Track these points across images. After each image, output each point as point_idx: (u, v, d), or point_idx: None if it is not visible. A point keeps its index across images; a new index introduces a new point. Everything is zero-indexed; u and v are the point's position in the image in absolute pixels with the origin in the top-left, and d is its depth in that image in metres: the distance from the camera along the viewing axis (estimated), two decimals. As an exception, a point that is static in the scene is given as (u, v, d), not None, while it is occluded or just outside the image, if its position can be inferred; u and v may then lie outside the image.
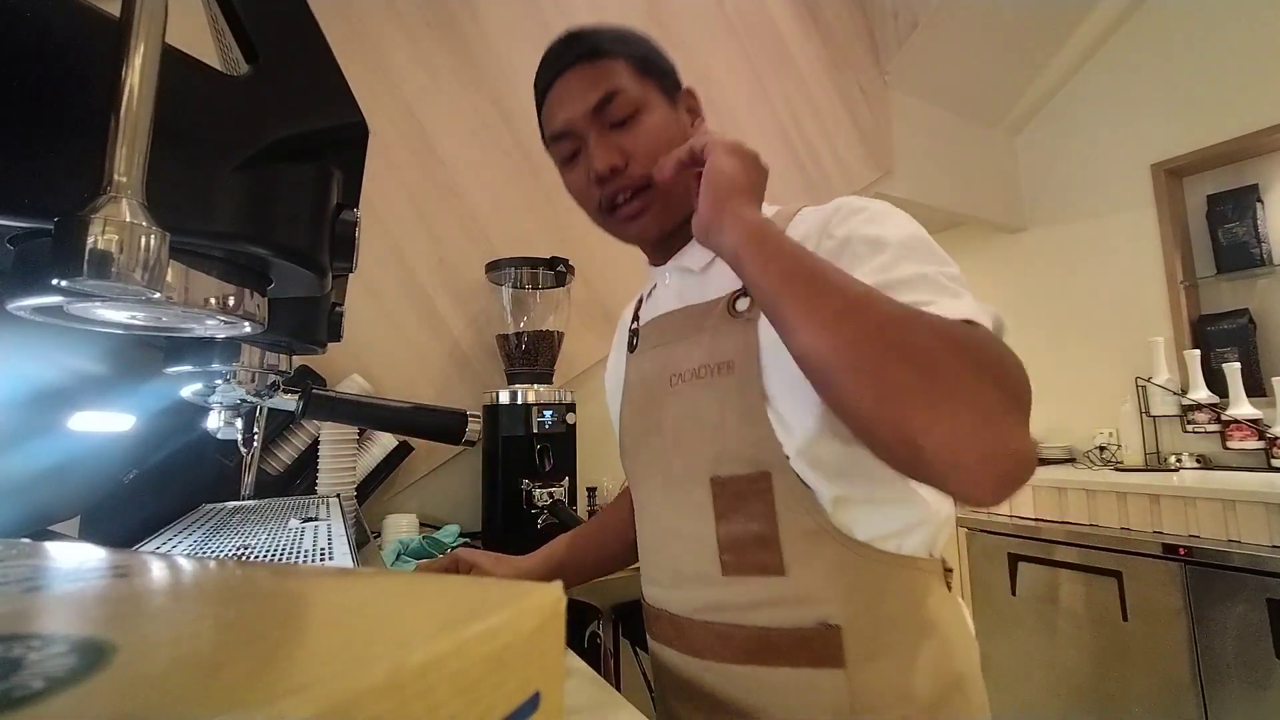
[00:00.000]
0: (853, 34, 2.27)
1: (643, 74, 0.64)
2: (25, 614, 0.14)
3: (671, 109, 0.65)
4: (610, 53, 0.63)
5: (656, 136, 0.62)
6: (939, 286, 0.48)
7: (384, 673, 0.11)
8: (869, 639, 0.52)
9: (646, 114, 0.62)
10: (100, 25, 0.26)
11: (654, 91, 0.64)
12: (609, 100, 0.61)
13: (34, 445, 0.64)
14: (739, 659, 0.55)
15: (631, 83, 0.62)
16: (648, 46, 0.66)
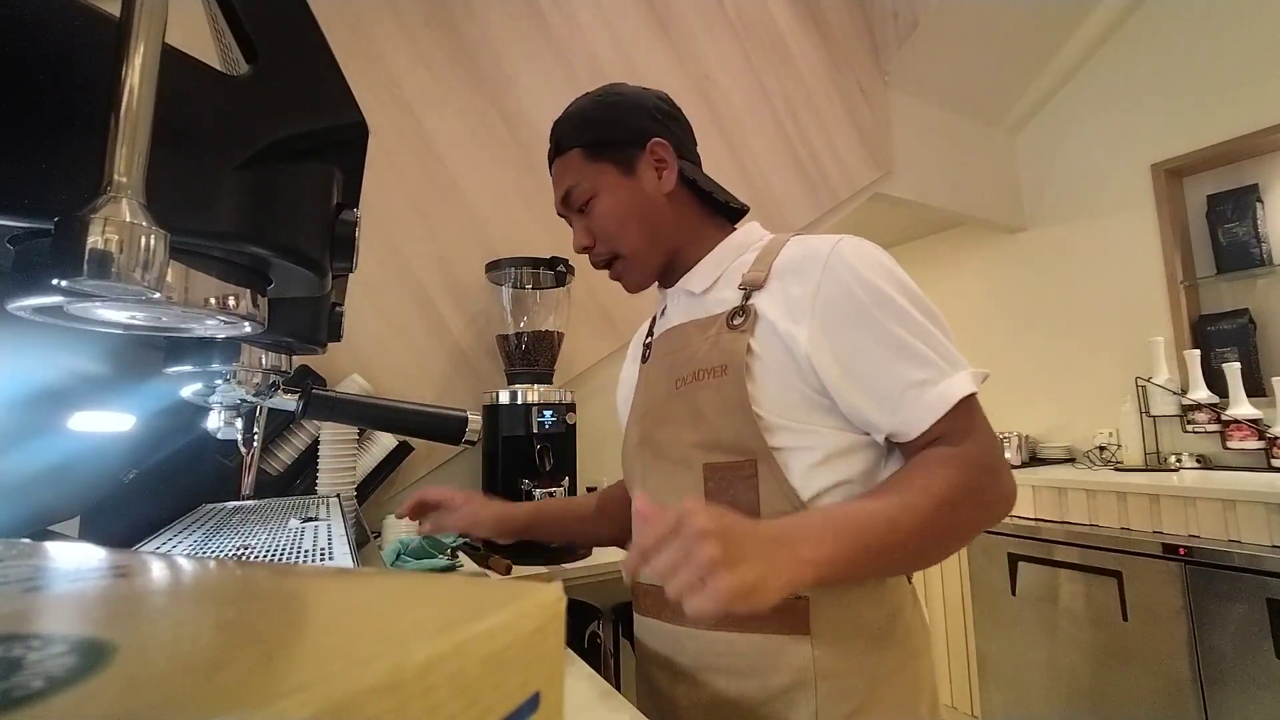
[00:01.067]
0: (853, 34, 2.27)
1: (595, 159, 0.73)
2: (25, 614, 0.14)
3: (628, 178, 0.73)
4: (568, 146, 0.75)
5: (608, 218, 0.73)
6: (937, 364, 0.59)
7: (384, 673, 0.11)
8: (831, 610, 0.60)
9: (600, 199, 0.73)
10: (100, 25, 0.26)
11: (608, 172, 0.73)
12: (568, 195, 0.75)
13: (34, 445, 0.64)
14: (717, 626, 0.62)
15: (584, 173, 0.73)
16: (600, 126, 0.74)
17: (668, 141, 0.74)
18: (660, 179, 0.74)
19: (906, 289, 0.62)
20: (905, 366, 0.59)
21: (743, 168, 1.94)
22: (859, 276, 0.61)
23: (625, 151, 0.73)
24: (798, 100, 2.09)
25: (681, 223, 0.75)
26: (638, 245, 0.74)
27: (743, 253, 0.73)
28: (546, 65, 1.68)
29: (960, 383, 0.58)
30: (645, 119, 0.75)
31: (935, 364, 0.59)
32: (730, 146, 1.93)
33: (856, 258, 0.63)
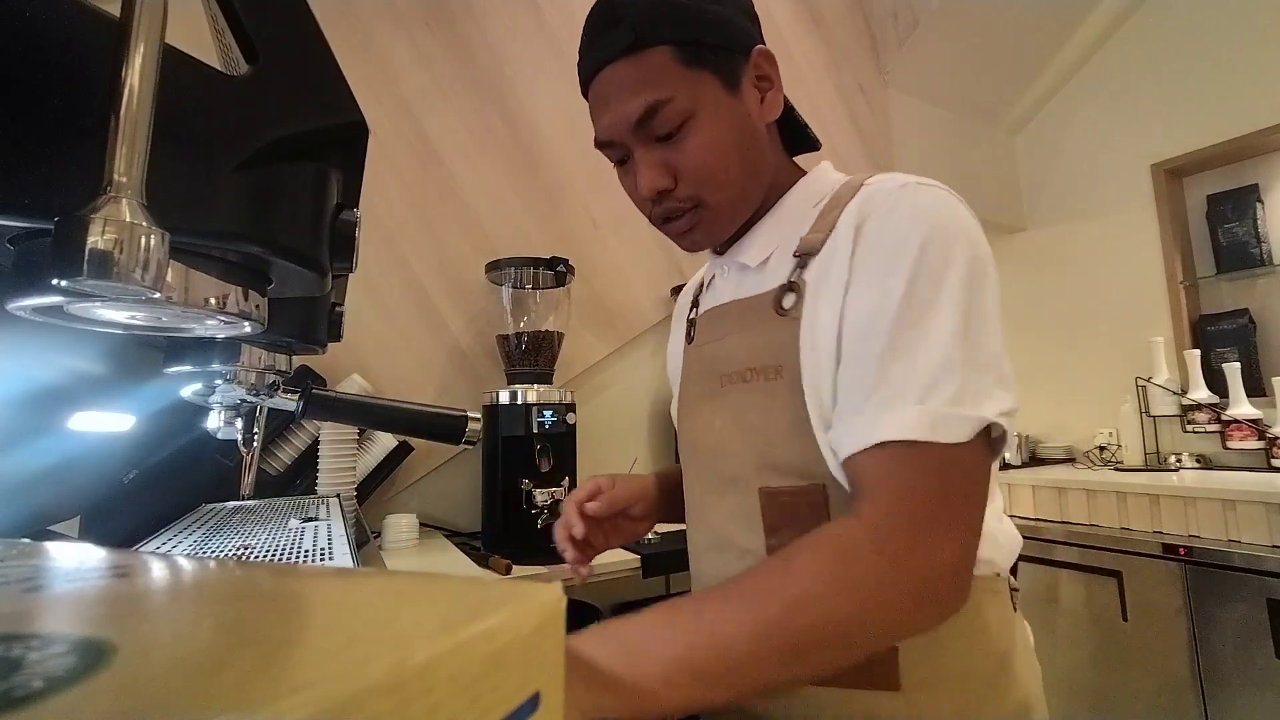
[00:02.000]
0: (853, 34, 2.27)
1: (692, 63, 0.53)
2: (25, 614, 0.14)
3: (732, 97, 0.55)
4: (652, 41, 0.53)
5: (709, 150, 0.54)
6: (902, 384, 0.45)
7: (384, 673, 0.11)
8: (924, 661, 0.49)
9: (697, 122, 0.53)
10: (100, 25, 0.26)
11: (708, 85, 0.54)
12: (652, 114, 0.53)
13: (34, 445, 0.64)
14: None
15: (678, 83, 0.53)
16: (701, 20, 0.54)
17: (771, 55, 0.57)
18: (763, 102, 0.57)
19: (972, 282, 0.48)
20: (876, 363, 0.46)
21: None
22: (906, 230, 0.48)
23: (731, 59, 0.55)
24: (798, 100, 2.07)
25: (774, 162, 0.60)
26: (736, 189, 0.56)
27: (811, 203, 0.58)
28: (546, 65, 1.68)
29: (897, 422, 0.43)
30: (748, 20, 0.59)
31: (911, 375, 0.45)
32: (730, 146, 1.93)
33: (914, 203, 0.49)
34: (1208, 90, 2.19)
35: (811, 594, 0.41)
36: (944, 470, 0.44)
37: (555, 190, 1.68)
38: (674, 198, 0.56)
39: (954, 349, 0.45)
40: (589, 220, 1.72)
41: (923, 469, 0.44)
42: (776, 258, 0.57)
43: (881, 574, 0.42)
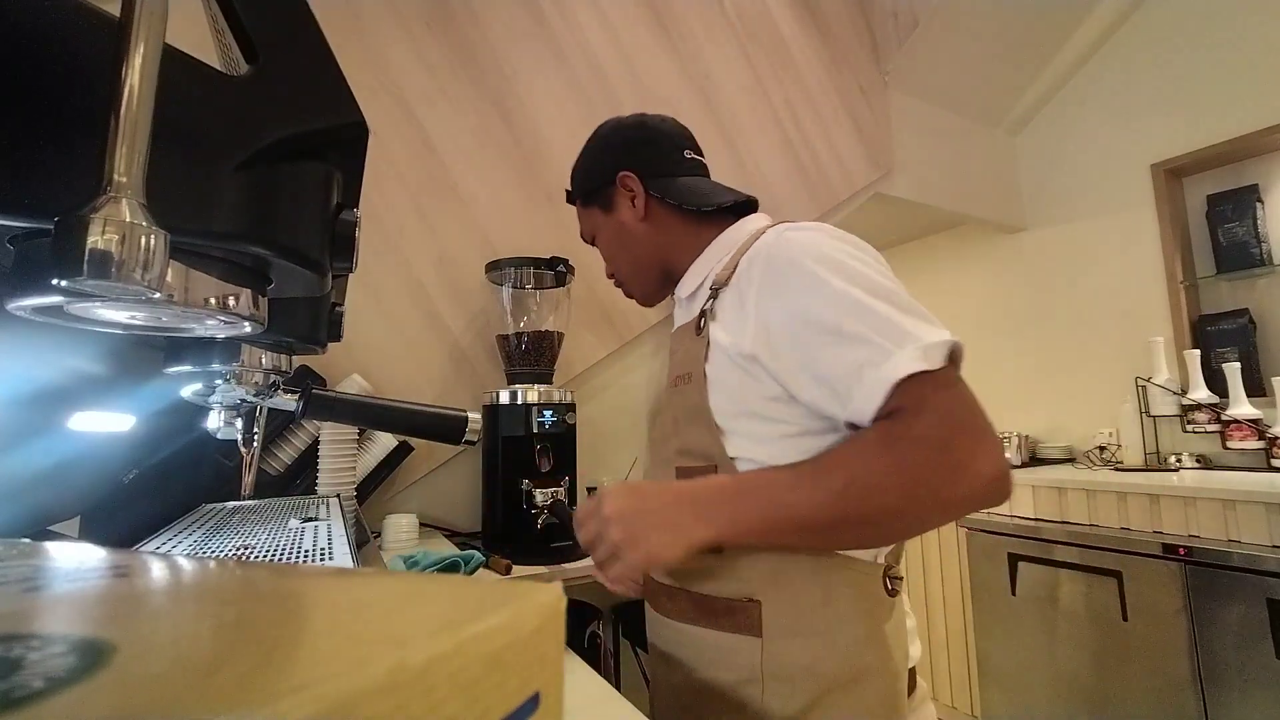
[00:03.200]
0: (853, 34, 2.27)
1: (587, 205, 0.86)
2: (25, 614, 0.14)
3: (610, 215, 0.83)
4: (572, 199, 0.89)
5: (606, 249, 0.86)
6: (877, 344, 0.54)
7: (384, 672, 0.11)
8: (786, 618, 0.60)
9: (598, 237, 0.86)
10: (100, 25, 0.26)
11: (596, 214, 0.85)
12: (583, 235, 0.90)
13: (34, 445, 0.64)
14: (683, 618, 0.66)
15: (584, 218, 0.88)
16: (582, 176, 0.87)
17: (634, 171, 0.80)
18: (633, 207, 0.81)
19: (843, 268, 0.58)
20: (848, 351, 0.55)
21: (742, 168, 1.93)
22: (792, 263, 0.60)
23: (603, 192, 0.83)
24: (798, 100, 2.09)
25: (665, 239, 0.80)
26: (630, 268, 0.84)
27: (729, 250, 0.74)
28: (546, 65, 1.68)
29: (902, 361, 0.52)
30: (614, 156, 0.83)
31: (875, 343, 0.54)
32: (730, 146, 1.93)
33: (790, 244, 0.62)
34: (1208, 90, 2.19)
35: (879, 479, 0.52)
36: (952, 386, 0.54)
37: (555, 190, 1.68)
38: (614, 279, 0.88)
39: (886, 310, 0.55)
40: (589, 220, 1.72)
41: (939, 386, 0.53)
42: (701, 291, 0.75)
43: (943, 466, 0.51)
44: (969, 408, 0.53)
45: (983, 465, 0.51)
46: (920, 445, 0.51)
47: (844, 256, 0.59)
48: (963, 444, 0.51)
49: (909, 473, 0.51)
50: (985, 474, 0.51)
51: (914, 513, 0.53)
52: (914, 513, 0.53)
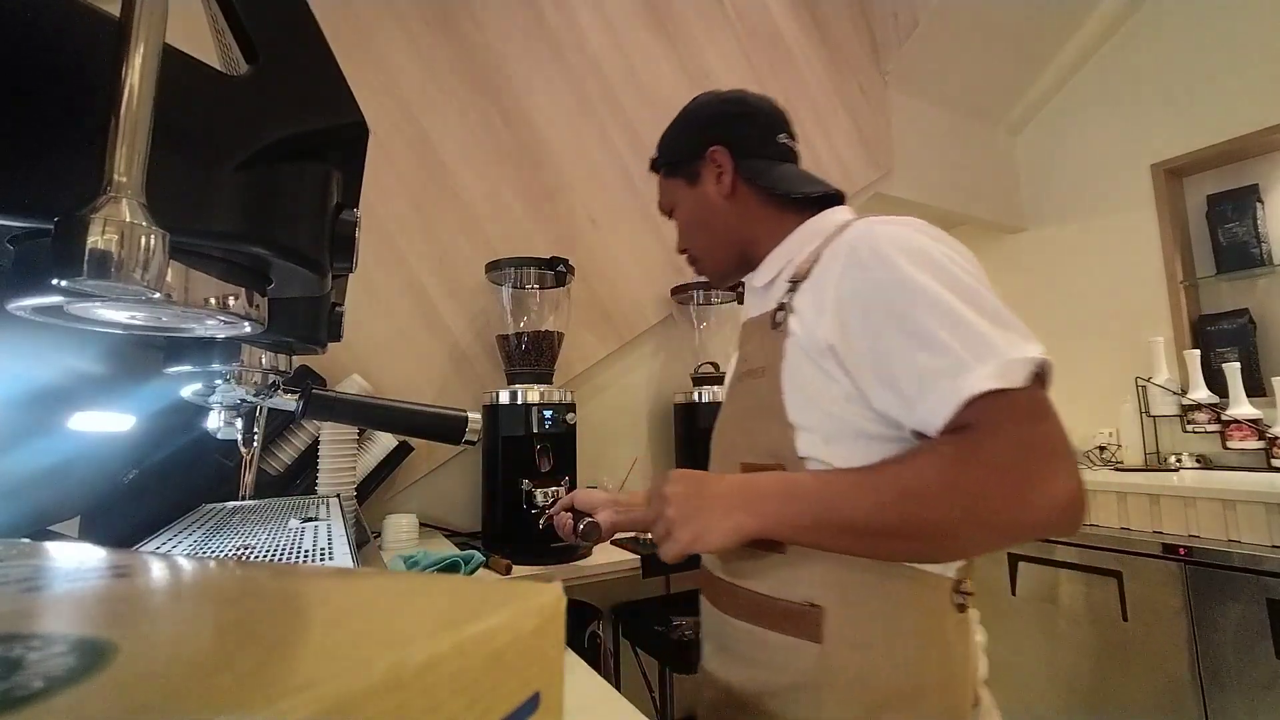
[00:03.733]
0: (853, 34, 2.27)
1: (671, 176, 0.83)
2: (25, 614, 0.14)
3: (694, 189, 0.80)
4: (656, 169, 0.86)
5: (684, 224, 0.83)
6: (958, 354, 0.52)
7: (384, 672, 0.11)
8: (847, 626, 0.58)
9: (678, 211, 0.83)
10: (100, 25, 0.26)
11: (680, 187, 0.82)
12: (661, 207, 0.86)
13: (34, 445, 0.64)
14: (742, 616, 0.65)
15: (665, 190, 0.84)
16: (670, 147, 0.84)
17: (726, 146, 0.78)
18: (719, 183, 0.78)
19: (931, 263, 0.55)
20: (924, 356, 0.53)
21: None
22: (876, 253, 0.57)
23: (690, 165, 0.80)
24: (798, 100, 2.09)
25: (747, 221, 0.78)
26: (706, 246, 0.82)
27: (813, 242, 0.70)
28: (546, 65, 1.68)
29: (980, 377, 0.50)
30: (705, 129, 0.81)
31: (956, 353, 0.51)
32: (730, 146, 1.93)
33: (878, 236, 0.59)
34: (1208, 90, 2.19)
35: (937, 493, 0.51)
36: (1031, 406, 0.51)
37: (555, 190, 1.68)
38: (686, 255, 0.86)
39: (972, 316, 0.53)
40: (589, 220, 1.72)
41: (1015, 407, 0.51)
42: (778, 282, 0.72)
43: (1005, 490, 0.49)
44: (1046, 432, 0.50)
45: (1052, 492, 0.49)
46: (985, 468, 0.50)
47: (935, 252, 0.56)
48: (1032, 470, 0.49)
49: (968, 494, 0.50)
50: (1051, 503, 0.49)
51: (969, 535, 0.52)
52: (969, 535, 0.52)
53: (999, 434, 0.50)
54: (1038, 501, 0.49)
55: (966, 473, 0.50)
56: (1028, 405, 0.51)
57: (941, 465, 0.51)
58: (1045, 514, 0.49)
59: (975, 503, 0.50)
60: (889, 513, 0.52)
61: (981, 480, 0.50)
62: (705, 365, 1.75)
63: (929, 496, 0.51)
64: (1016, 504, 0.49)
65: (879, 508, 0.52)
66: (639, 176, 1.79)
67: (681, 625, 1.43)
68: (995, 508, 0.49)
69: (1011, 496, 0.49)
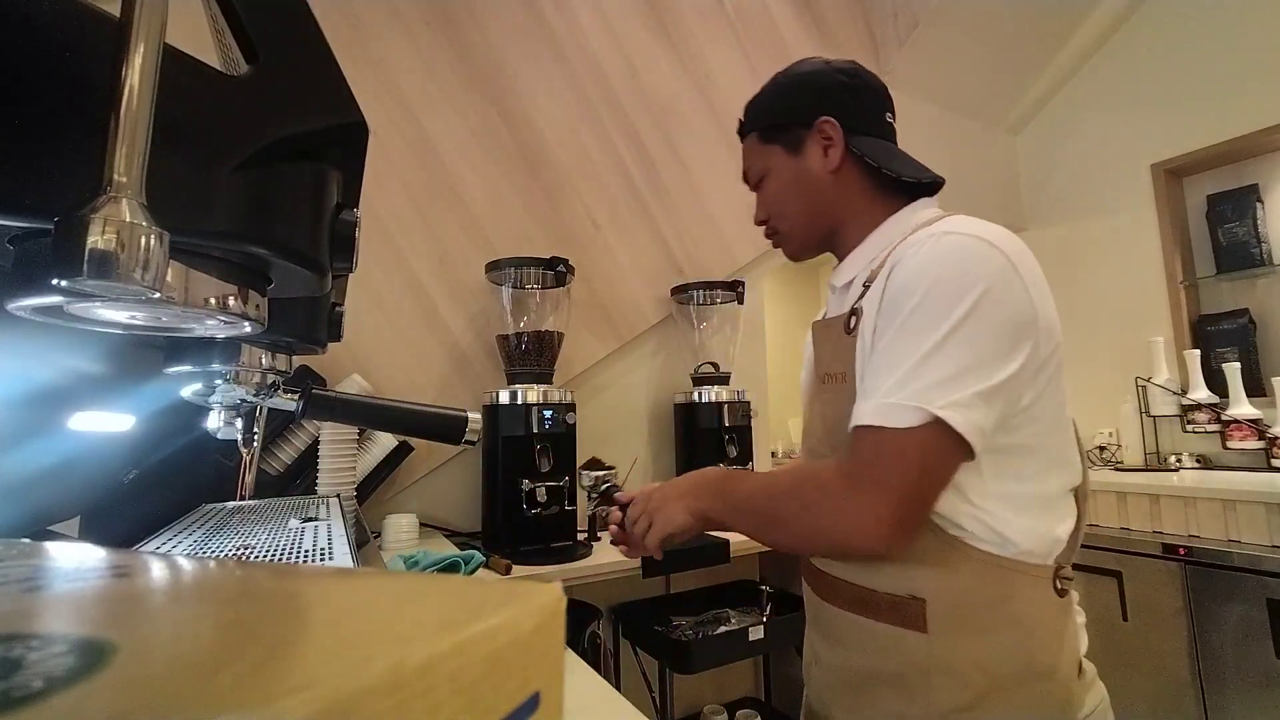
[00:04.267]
0: (853, 34, 2.27)
1: (768, 141, 0.79)
2: (25, 614, 0.14)
3: (794, 158, 0.77)
4: (748, 130, 0.82)
5: (775, 195, 0.80)
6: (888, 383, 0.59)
7: (384, 672, 0.11)
8: (952, 617, 0.61)
9: (769, 178, 0.80)
10: (100, 25, 0.26)
11: (777, 154, 0.78)
12: (747, 173, 0.83)
13: (34, 445, 0.64)
14: (847, 607, 0.68)
15: (757, 156, 0.80)
16: (772, 110, 0.79)
17: (837, 119, 0.74)
18: (825, 156, 0.75)
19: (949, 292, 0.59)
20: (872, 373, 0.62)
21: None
22: (911, 270, 0.62)
23: (794, 132, 0.77)
24: (798, 100, 2.09)
25: (845, 200, 0.76)
26: (797, 221, 0.79)
27: (893, 242, 0.70)
28: (546, 65, 1.68)
29: (871, 411, 0.59)
30: (816, 97, 0.76)
31: (884, 378, 0.59)
32: (730, 146, 1.93)
33: (923, 253, 0.62)
34: (1208, 90, 2.19)
35: (785, 494, 0.65)
36: (883, 446, 0.58)
37: (555, 190, 1.68)
38: (766, 226, 0.82)
39: (922, 363, 0.58)
40: (589, 220, 1.72)
41: (867, 443, 0.59)
42: (855, 284, 0.74)
43: (824, 504, 0.61)
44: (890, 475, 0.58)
45: (860, 524, 0.58)
46: (811, 482, 0.63)
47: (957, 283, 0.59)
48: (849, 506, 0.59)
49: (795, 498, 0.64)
50: (854, 537, 0.59)
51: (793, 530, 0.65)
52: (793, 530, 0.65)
53: (850, 460, 0.60)
54: (842, 526, 0.60)
55: (815, 488, 0.63)
56: (893, 448, 0.58)
57: (804, 478, 0.65)
58: (846, 536, 0.60)
59: (800, 513, 0.63)
60: (754, 508, 0.67)
61: (807, 493, 0.63)
62: (705, 365, 1.75)
63: (784, 495, 0.65)
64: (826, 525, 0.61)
65: (748, 504, 0.68)
66: (639, 176, 1.79)
67: (681, 625, 1.43)
68: (807, 514, 0.63)
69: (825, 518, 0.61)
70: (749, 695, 1.81)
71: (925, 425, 0.56)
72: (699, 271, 1.86)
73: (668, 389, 1.84)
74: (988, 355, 0.59)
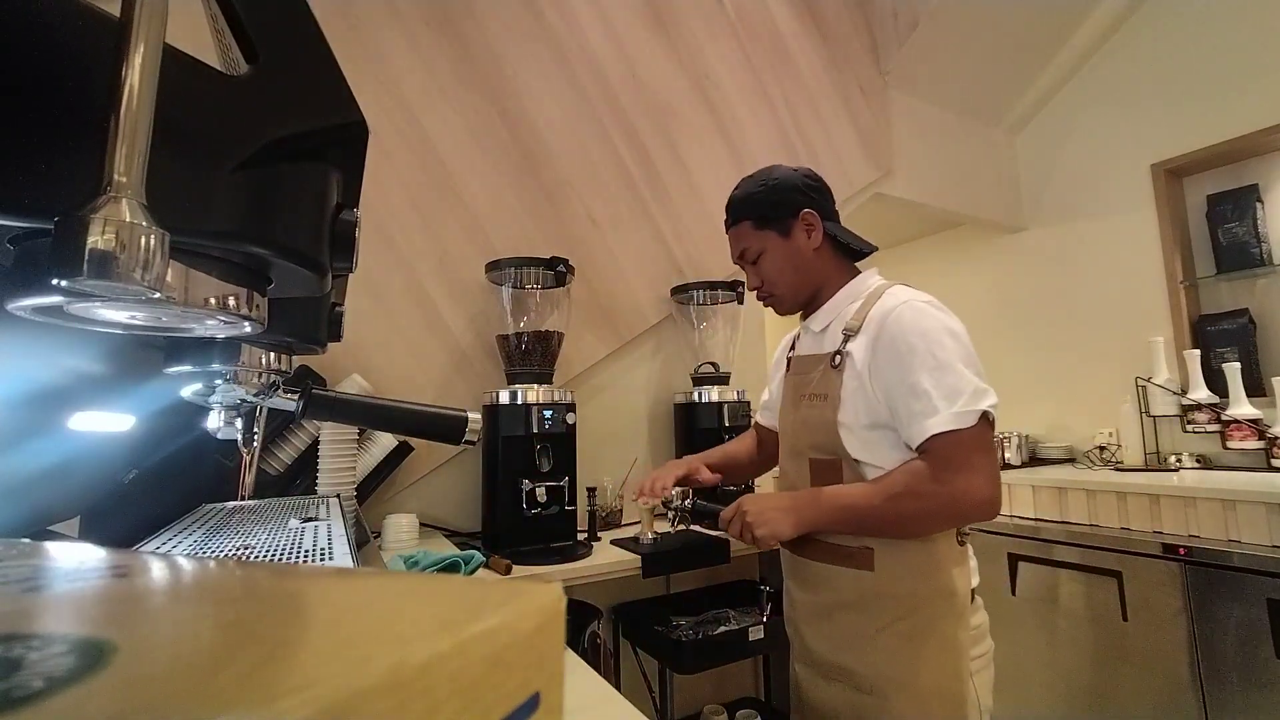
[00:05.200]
0: (853, 34, 2.27)
1: (761, 228, 1.02)
2: (25, 614, 0.14)
3: (787, 240, 1.01)
4: (741, 218, 1.04)
5: (773, 270, 1.03)
6: (933, 402, 0.84)
7: (384, 672, 0.11)
8: (890, 559, 0.89)
9: (766, 256, 1.03)
10: (100, 25, 0.26)
11: (771, 238, 1.02)
12: (744, 253, 1.05)
13: (34, 445, 0.64)
14: (817, 558, 0.96)
15: (753, 239, 1.03)
16: (764, 204, 1.01)
17: (814, 210, 1.00)
18: (809, 238, 1.01)
19: (932, 342, 0.85)
20: (913, 400, 0.86)
21: (743, 168, 1.93)
22: (899, 332, 0.88)
23: (783, 221, 1.01)
24: (798, 100, 2.09)
25: (824, 269, 1.02)
26: (791, 288, 1.03)
27: (854, 301, 0.99)
28: (546, 65, 1.68)
29: (939, 420, 0.83)
30: (798, 194, 1.01)
31: (932, 401, 0.84)
32: (730, 146, 1.93)
33: (902, 320, 0.88)
34: (1208, 90, 2.19)
35: (901, 495, 0.86)
36: (969, 441, 0.84)
37: (555, 190, 1.68)
38: (761, 291, 1.07)
39: (954, 382, 0.85)
40: (589, 220, 1.72)
41: (958, 442, 0.84)
42: (831, 330, 1.00)
43: (940, 492, 0.84)
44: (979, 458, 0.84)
45: (959, 491, 0.83)
46: (920, 476, 0.85)
47: (935, 334, 0.86)
48: (948, 478, 0.83)
49: (922, 495, 0.85)
50: (973, 507, 0.85)
51: (925, 520, 0.87)
52: (925, 520, 0.87)
53: (937, 457, 0.84)
54: (957, 510, 0.85)
55: (924, 483, 0.84)
56: (970, 440, 0.84)
57: (910, 478, 0.85)
58: (961, 516, 0.87)
59: (925, 501, 0.84)
60: (878, 509, 0.87)
61: (919, 484, 0.85)
62: (705, 365, 1.75)
63: (901, 496, 0.85)
64: (947, 514, 0.86)
65: (872, 507, 0.87)
66: (639, 176, 1.79)
67: (681, 625, 1.43)
68: (933, 515, 0.86)
69: (944, 508, 0.85)
70: (749, 695, 1.81)
71: (981, 420, 0.84)
72: (699, 271, 1.87)
73: (668, 389, 1.84)
74: (975, 364, 0.87)
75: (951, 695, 0.86)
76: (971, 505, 0.83)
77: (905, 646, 0.87)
